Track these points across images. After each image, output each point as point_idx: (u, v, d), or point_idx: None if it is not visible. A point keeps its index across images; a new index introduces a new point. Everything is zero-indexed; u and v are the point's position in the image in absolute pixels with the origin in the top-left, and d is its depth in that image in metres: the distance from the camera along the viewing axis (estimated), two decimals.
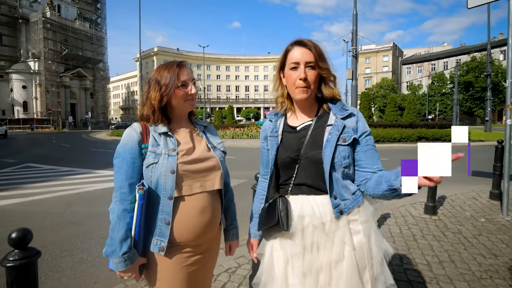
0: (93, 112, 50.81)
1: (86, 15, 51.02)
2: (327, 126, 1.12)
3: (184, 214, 1.13)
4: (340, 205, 1.08)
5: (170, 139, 1.17)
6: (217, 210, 1.24)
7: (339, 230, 1.07)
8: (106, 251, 1.09)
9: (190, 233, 1.14)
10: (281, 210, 1.10)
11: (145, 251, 1.14)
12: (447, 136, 14.89)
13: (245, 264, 2.71)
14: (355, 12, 13.76)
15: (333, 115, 1.13)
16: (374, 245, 1.08)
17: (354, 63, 14.10)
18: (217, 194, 1.25)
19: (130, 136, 1.14)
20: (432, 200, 3.96)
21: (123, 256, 1.06)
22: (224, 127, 25.21)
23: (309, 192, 1.12)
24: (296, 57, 1.11)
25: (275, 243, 1.16)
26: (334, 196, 1.08)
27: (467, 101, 45.04)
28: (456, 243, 3.09)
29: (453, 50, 57.29)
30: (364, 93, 28.35)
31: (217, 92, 76.93)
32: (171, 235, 1.12)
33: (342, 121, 1.11)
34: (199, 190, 1.17)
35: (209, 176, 1.20)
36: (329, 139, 1.09)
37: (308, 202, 1.11)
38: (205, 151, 1.23)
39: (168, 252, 1.12)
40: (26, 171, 8.37)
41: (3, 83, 43.18)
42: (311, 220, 1.08)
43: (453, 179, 5.07)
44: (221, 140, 1.35)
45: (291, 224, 1.09)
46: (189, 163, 1.16)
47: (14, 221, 4.19)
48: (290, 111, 1.23)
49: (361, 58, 61.32)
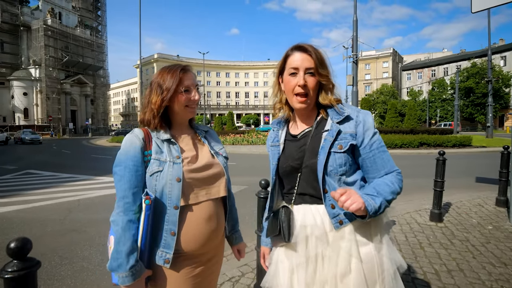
0: (94, 118, 50.95)
1: (87, 22, 51.56)
2: (323, 132, 1.07)
3: (190, 223, 1.10)
4: (339, 215, 1.02)
5: (173, 146, 1.13)
6: (222, 217, 1.22)
7: (344, 240, 1.01)
8: (111, 265, 1.02)
9: (196, 242, 1.11)
10: (283, 221, 1.07)
11: (150, 262, 1.09)
12: (448, 142, 14.84)
13: (249, 272, 2.65)
14: (355, 18, 13.80)
15: (330, 120, 1.08)
16: (385, 257, 1.01)
17: (355, 69, 14.13)
18: (221, 201, 1.23)
19: (132, 143, 1.09)
20: (437, 207, 3.90)
21: (130, 270, 1.01)
22: (224, 133, 25.22)
23: (312, 202, 1.08)
24: (295, 62, 1.06)
25: (281, 252, 1.12)
26: (332, 206, 1.03)
27: (468, 107, 45.15)
28: (464, 251, 3.03)
29: (453, 56, 57.57)
30: (365, 99, 28.55)
31: (217, 98, 77.22)
32: (177, 245, 1.08)
33: (338, 126, 1.05)
34: (205, 198, 1.13)
35: (214, 183, 1.17)
36: (323, 146, 1.04)
37: (311, 211, 1.07)
38: (209, 158, 1.20)
39: (174, 264, 1.08)
40: (27, 178, 8.34)
41: (4, 90, 43.42)
42: (313, 231, 1.04)
43: (458, 185, 5.00)
44: (222, 145, 1.32)
45: (293, 234, 1.05)
46: (195, 171, 1.12)
47: (15, 228, 4.15)
48: (291, 119, 1.19)
49: (361, 64, 61.72)
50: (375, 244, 1.01)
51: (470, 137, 15.71)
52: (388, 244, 1.04)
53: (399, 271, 1.03)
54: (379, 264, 1.00)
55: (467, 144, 14.98)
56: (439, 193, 3.90)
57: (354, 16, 13.83)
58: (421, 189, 5.90)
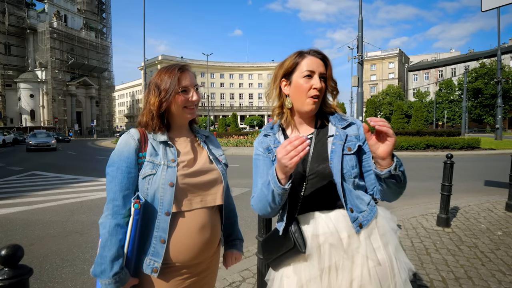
0: (99, 120, 51.44)
1: (92, 25, 52.17)
2: (328, 138, 1.08)
3: (182, 232, 1.04)
4: (358, 218, 1.01)
5: (170, 149, 1.08)
6: (217, 227, 1.15)
7: (361, 246, 0.99)
8: (95, 270, 0.98)
9: (187, 253, 1.05)
10: (294, 231, 1.02)
11: (137, 270, 1.03)
12: (456, 144, 14.63)
13: (250, 278, 2.61)
14: (360, 18, 13.67)
15: (333, 126, 1.10)
16: (396, 261, 1.00)
17: (360, 69, 14.00)
18: (217, 210, 1.16)
19: (126, 143, 1.05)
20: (445, 211, 3.81)
21: (114, 277, 0.95)
22: (228, 135, 25.25)
23: (320, 209, 1.05)
24: (313, 65, 1.06)
25: (286, 269, 1.06)
26: (351, 209, 1.01)
27: (476, 108, 44.68)
28: (472, 258, 2.94)
29: (461, 56, 56.84)
30: (370, 100, 28.37)
31: (220, 100, 77.42)
32: (166, 255, 1.02)
33: (344, 131, 1.08)
34: (199, 206, 1.08)
35: (210, 191, 1.11)
36: (334, 150, 1.05)
37: (321, 219, 1.03)
38: (207, 163, 1.15)
39: (162, 273, 1.02)
40: (32, 179, 8.39)
41: (11, 92, 44.06)
42: (326, 239, 1.00)
43: (466, 189, 4.89)
44: (223, 151, 1.27)
45: (307, 245, 1.01)
46: (190, 176, 1.07)
47: (18, 230, 4.17)
48: (288, 125, 1.15)
49: (367, 64, 61.54)
50: (385, 247, 1.01)
51: (478, 139, 15.46)
52: (397, 245, 1.03)
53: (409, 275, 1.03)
54: (391, 268, 0.99)
55: (475, 146, 14.73)
56: (446, 197, 3.81)
57: (359, 16, 13.70)
58: (427, 192, 5.80)
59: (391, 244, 1.02)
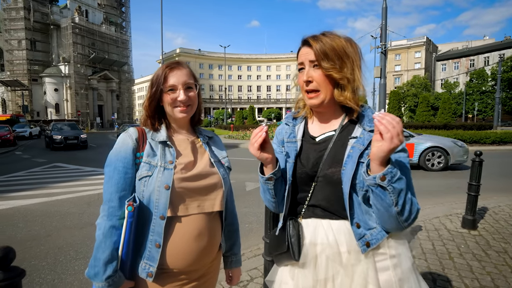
0: (119, 113, 52.86)
1: (112, 19, 53.23)
2: (350, 139, 0.93)
3: (177, 237, 1.00)
4: (365, 236, 0.89)
5: (169, 150, 1.05)
6: (216, 234, 1.10)
7: (360, 264, 0.89)
8: (89, 272, 0.97)
9: (183, 259, 1.01)
10: (292, 235, 0.96)
11: (132, 274, 1.01)
12: (487, 139, 13.77)
13: (258, 277, 2.54)
14: (384, 5, 13.03)
15: (360, 127, 0.94)
16: (408, 286, 0.88)
17: (383, 60, 13.45)
18: (216, 216, 1.11)
19: (124, 143, 1.03)
20: (471, 212, 3.56)
21: (106, 281, 0.94)
22: (245, 127, 25.25)
23: (324, 216, 0.95)
24: (300, 57, 0.97)
25: (285, 273, 1.02)
26: (357, 225, 0.90)
27: (511, 100, 41.92)
28: (500, 265, 2.72)
29: (495, 43, 53.03)
30: (394, 91, 27.37)
31: (238, 92, 77.53)
32: (162, 259, 0.99)
33: (370, 134, 0.90)
34: (196, 211, 1.03)
35: (208, 196, 1.06)
36: (350, 154, 0.90)
37: (322, 227, 0.94)
38: (207, 167, 1.10)
39: (158, 278, 0.99)
40: (53, 171, 8.74)
41: (37, 86, 46.06)
42: (323, 250, 0.92)
43: (496, 188, 4.54)
44: (227, 153, 1.20)
45: (302, 252, 0.95)
46: (187, 180, 1.02)
47: (37, 221, 4.34)
48: (310, 118, 1.06)
49: (391, 54, 59.14)
50: (396, 270, 0.88)
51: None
52: (411, 269, 0.90)
53: None
54: None
55: (508, 141, 13.70)
56: (473, 197, 3.56)
57: (383, 3, 13.07)
58: (452, 190, 5.50)
59: (405, 266, 0.89)
